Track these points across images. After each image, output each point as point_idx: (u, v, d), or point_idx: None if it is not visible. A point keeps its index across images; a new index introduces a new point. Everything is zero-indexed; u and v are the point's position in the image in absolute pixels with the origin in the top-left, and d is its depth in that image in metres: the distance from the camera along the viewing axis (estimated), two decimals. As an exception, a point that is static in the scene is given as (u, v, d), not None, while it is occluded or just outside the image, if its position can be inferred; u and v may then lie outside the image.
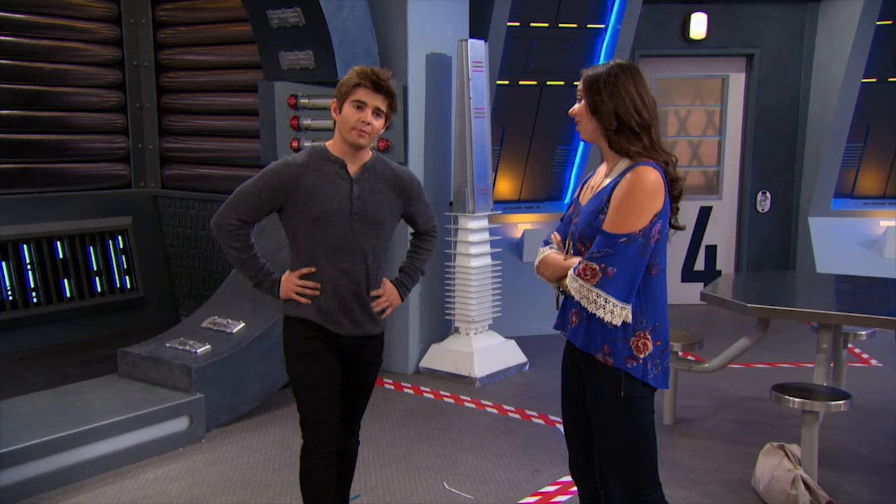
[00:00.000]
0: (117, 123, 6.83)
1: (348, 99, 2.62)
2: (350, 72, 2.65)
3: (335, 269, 2.69)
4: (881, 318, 3.79)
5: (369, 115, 2.62)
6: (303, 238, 2.72)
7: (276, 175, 2.69)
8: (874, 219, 7.27)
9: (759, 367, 5.65)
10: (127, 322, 6.58)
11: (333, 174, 2.68)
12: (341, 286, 2.71)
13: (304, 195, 2.65)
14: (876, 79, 6.91)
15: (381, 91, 2.62)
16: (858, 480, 3.88)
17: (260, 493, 3.79)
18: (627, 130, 2.33)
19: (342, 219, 2.67)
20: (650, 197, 2.29)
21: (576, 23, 6.47)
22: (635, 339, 2.33)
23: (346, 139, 2.66)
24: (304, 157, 2.72)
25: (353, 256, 2.70)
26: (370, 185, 2.73)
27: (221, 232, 2.74)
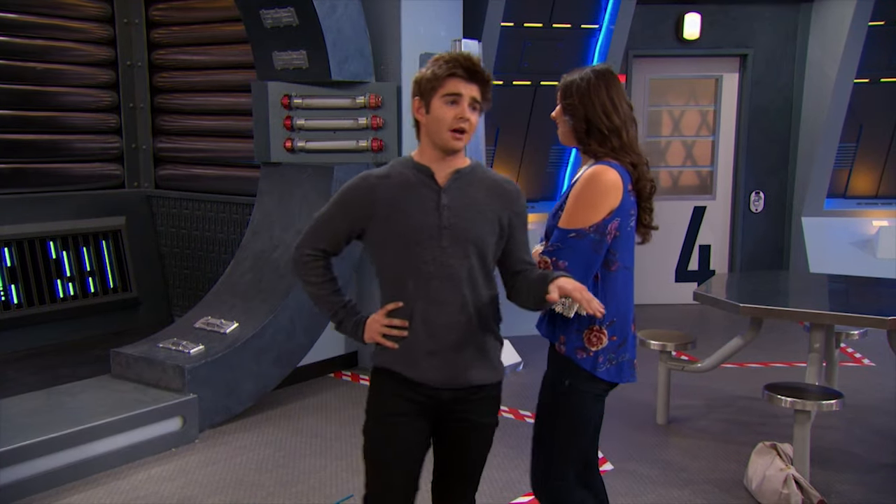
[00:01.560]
0: (111, 123, 6.81)
1: (437, 94, 2.16)
2: (431, 62, 2.20)
3: (425, 300, 2.21)
4: (873, 318, 3.81)
5: (467, 108, 2.16)
6: (387, 264, 2.26)
7: (351, 190, 2.26)
8: (867, 219, 7.28)
9: (752, 366, 5.66)
10: (120, 322, 6.56)
11: (418, 183, 2.21)
12: (433, 321, 2.21)
13: (385, 210, 2.21)
14: (868, 79, 6.93)
15: (477, 79, 2.18)
16: (850, 479, 3.89)
17: (253, 493, 3.78)
18: (597, 133, 2.42)
19: (429, 235, 2.19)
20: (604, 194, 2.37)
21: (570, 23, 6.48)
22: (589, 332, 2.42)
23: (438, 143, 2.19)
24: (386, 168, 2.29)
25: (447, 282, 2.20)
26: (463, 192, 2.22)
27: (297, 265, 2.33)
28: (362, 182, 2.26)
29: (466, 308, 2.22)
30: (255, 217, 5.37)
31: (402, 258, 2.22)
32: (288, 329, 4.87)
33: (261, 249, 5.21)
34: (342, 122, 5.25)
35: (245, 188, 6.27)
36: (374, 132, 5.28)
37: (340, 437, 4.44)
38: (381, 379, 2.30)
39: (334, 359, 5.60)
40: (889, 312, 3.87)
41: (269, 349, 4.76)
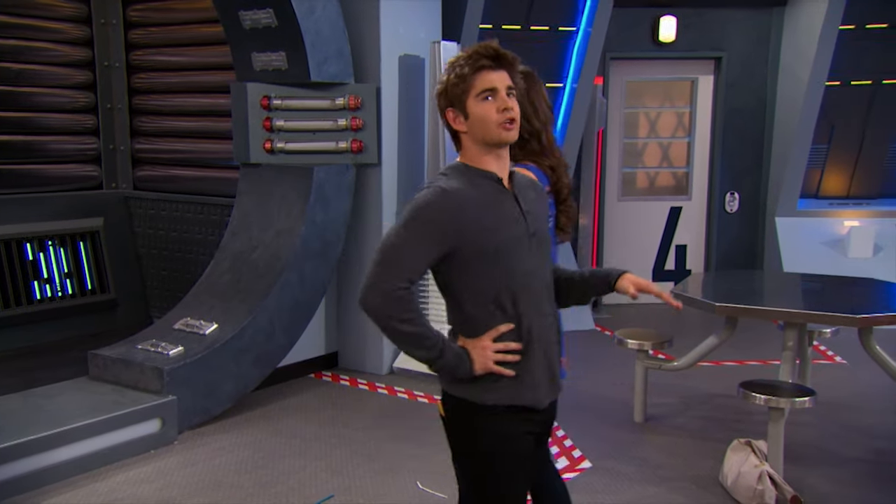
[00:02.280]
0: (87, 124, 6.74)
1: (470, 95, 2.01)
2: (449, 67, 2.06)
3: (533, 315, 2.05)
4: (845, 317, 3.86)
5: (506, 97, 2.01)
6: (480, 282, 2.01)
7: (433, 208, 1.98)
8: (838, 219, 7.37)
9: (727, 364, 5.72)
10: (98, 324, 6.49)
11: (493, 192, 2.04)
12: (545, 337, 2.08)
13: (475, 225, 1.98)
14: (839, 82, 7.02)
15: (504, 64, 2.04)
16: (822, 475, 3.94)
17: (232, 494, 3.76)
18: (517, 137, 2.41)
19: (523, 245, 2.05)
20: None
21: (547, 25, 6.50)
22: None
23: (491, 141, 2.03)
24: (452, 178, 2.03)
25: (545, 291, 2.10)
26: (526, 195, 2.12)
27: (388, 303, 1.97)
28: (442, 196, 1.98)
29: (557, 316, 2.16)
30: (234, 218, 5.33)
31: (501, 273, 2.01)
32: (267, 330, 4.85)
33: (240, 250, 5.18)
34: (322, 124, 5.24)
35: (223, 189, 6.23)
36: (353, 133, 5.27)
37: (320, 438, 4.42)
38: (498, 420, 2.03)
39: (314, 359, 5.58)
40: (860, 311, 3.93)
41: (249, 350, 4.74)
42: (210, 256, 6.01)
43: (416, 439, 4.41)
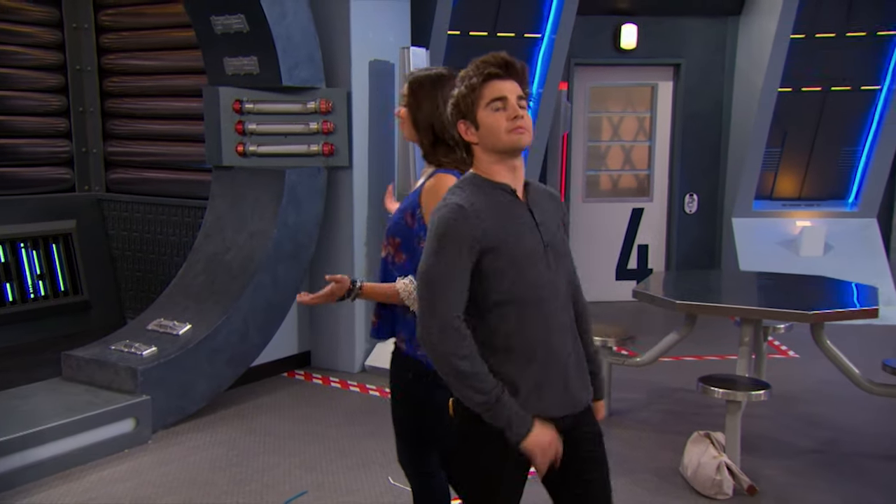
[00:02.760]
0: (60, 127, 6.63)
1: (480, 105, 1.97)
2: (462, 78, 2.02)
3: (547, 328, 2.00)
4: (798, 313, 3.93)
5: (517, 106, 1.96)
6: (497, 295, 1.97)
7: (458, 223, 1.92)
8: (791, 219, 7.50)
9: (687, 360, 5.79)
10: (72, 326, 6.38)
11: (508, 204, 1.99)
12: (557, 349, 2.02)
13: (492, 240, 1.94)
14: (791, 88, 7.14)
15: (514, 73, 1.99)
16: (777, 465, 4.01)
17: (206, 492, 3.72)
18: (444, 146, 2.42)
19: (539, 257, 2.00)
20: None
21: (513, 32, 6.53)
22: None
23: (503, 148, 1.97)
24: (467, 191, 1.98)
25: (559, 302, 2.04)
26: (540, 206, 2.05)
27: (446, 338, 1.90)
28: (462, 213, 1.92)
29: (573, 327, 2.08)
30: (208, 220, 5.28)
31: (520, 285, 1.96)
32: (241, 330, 4.81)
33: (213, 252, 5.13)
34: (293, 127, 5.21)
35: (196, 191, 6.17)
36: (325, 137, 5.25)
37: (294, 436, 4.40)
38: (493, 438, 1.95)
39: (287, 358, 5.55)
40: (812, 307, 4.01)
41: (223, 350, 4.70)
42: (183, 258, 5.95)
43: (388, 436, 4.36)
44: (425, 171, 2.51)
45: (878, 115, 7.18)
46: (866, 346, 5.82)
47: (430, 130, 2.44)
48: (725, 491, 3.61)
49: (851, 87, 7.13)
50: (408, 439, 2.59)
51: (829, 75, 7.10)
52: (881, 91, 7.10)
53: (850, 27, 6.90)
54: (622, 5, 7.42)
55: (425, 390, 2.39)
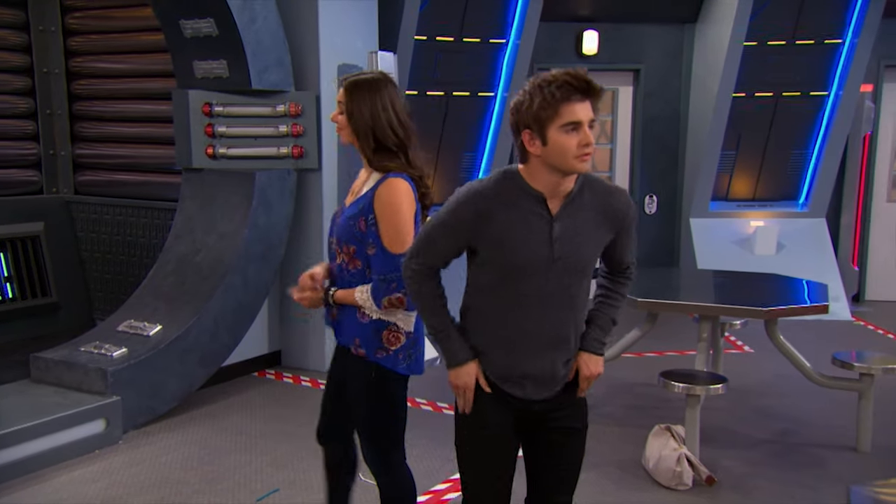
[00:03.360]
0: (27, 130, 6.47)
1: (554, 123, 1.91)
2: (533, 88, 1.94)
3: (519, 328, 2.08)
4: (753, 309, 4.00)
5: (589, 133, 1.92)
6: (486, 283, 2.08)
7: (461, 207, 2.03)
8: (746, 219, 7.61)
9: (648, 355, 5.85)
10: (40, 327, 6.23)
11: (529, 212, 2.00)
12: (531, 349, 2.10)
13: (496, 233, 2.00)
14: (745, 93, 7.24)
15: (592, 94, 1.93)
16: (734, 455, 4.07)
17: (178, 490, 3.67)
18: (386, 151, 2.44)
19: (539, 268, 2.02)
20: (410, 207, 2.40)
21: (479, 37, 6.54)
22: (388, 333, 2.45)
23: (564, 169, 1.96)
24: (494, 183, 2.03)
25: (545, 309, 2.07)
26: (574, 222, 2.03)
27: (416, 278, 2.13)
28: (471, 198, 2.01)
29: (562, 334, 2.10)
30: (178, 221, 5.20)
31: (507, 287, 2.04)
32: (212, 330, 4.74)
33: (184, 253, 5.06)
34: (263, 130, 5.15)
35: (166, 193, 6.07)
36: (294, 139, 5.20)
37: (265, 434, 4.35)
38: (478, 399, 2.13)
39: (258, 358, 5.48)
40: (767, 304, 4.08)
41: (194, 350, 4.63)
42: (152, 260, 5.84)
43: (358, 433, 4.38)
44: (368, 177, 2.47)
45: (826, 120, 7.32)
46: (816, 341, 5.93)
47: (370, 135, 2.41)
48: (685, 482, 3.66)
49: (801, 92, 7.26)
50: (372, 436, 2.58)
51: (780, 81, 7.22)
52: (829, 96, 7.24)
53: (799, 35, 7.03)
54: (584, 12, 7.48)
55: (387, 385, 2.49)
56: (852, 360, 4.09)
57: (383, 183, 2.37)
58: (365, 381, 2.50)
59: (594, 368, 2.18)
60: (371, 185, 2.42)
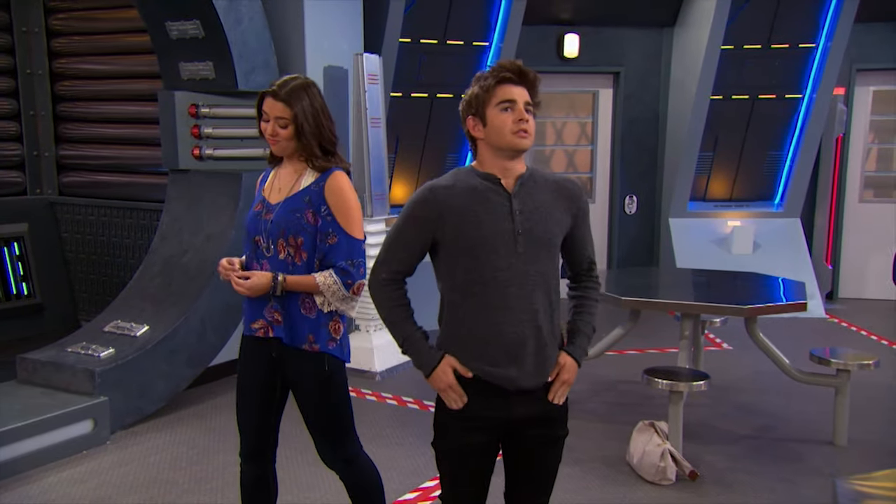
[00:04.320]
0: (11, 131, 6.39)
1: (491, 104, 2.04)
2: (475, 80, 2.09)
3: (498, 308, 2.05)
4: (734, 307, 4.04)
5: (523, 111, 2.03)
6: (458, 273, 2.08)
7: (417, 204, 2.09)
8: (723, 219, 7.68)
9: (630, 353, 5.88)
10: (25, 329, 6.16)
11: (486, 190, 2.06)
12: (515, 332, 2.07)
13: (455, 219, 2.05)
14: (722, 96, 7.31)
15: (526, 81, 2.06)
16: (716, 451, 4.10)
17: (167, 490, 3.63)
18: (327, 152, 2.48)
19: (504, 242, 2.04)
20: (356, 197, 2.50)
21: (462, 40, 6.54)
22: (332, 323, 2.50)
23: (505, 147, 2.05)
24: (449, 177, 2.12)
25: (522, 289, 2.06)
26: (532, 197, 2.09)
27: (372, 289, 2.16)
28: (428, 193, 2.09)
29: (538, 314, 2.08)
30: (164, 222, 5.16)
31: (475, 267, 2.05)
32: (199, 330, 4.71)
33: (170, 254, 5.01)
34: (249, 131, 5.10)
35: (151, 194, 6.02)
36: (280, 141, 5.17)
37: (253, 433, 4.32)
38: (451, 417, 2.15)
39: (244, 358, 5.44)
40: (746, 302, 4.12)
41: (181, 350, 4.59)
42: (139, 261, 5.80)
43: (346, 431, 4.36)
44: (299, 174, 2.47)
45: (800, 122, 7.40)
46: (792, 338, 6.00)
47: (317, 135, 2.44)
48: (669, 477, 3.68)
49: (776, 95, 7.34)
50: (329, 432, 2.58)
51: (756, 84, 7.29)
52: (803, 99, 7.33)
53: (774, 40, 7.11)
54: (565, 16, 7.51)
55: (337, 375, 2.53)
56: (829, 357, 4.14)
57: (331, 177, 2.44)
58: (320, 377, 2.50)
59: (571, 377, 2.18)
60: (309, 180, 2.46)
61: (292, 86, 2.43)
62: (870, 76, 7.73)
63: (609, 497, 3.61)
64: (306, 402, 2.56)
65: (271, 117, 2.44)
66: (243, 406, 2.66)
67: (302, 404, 2.57)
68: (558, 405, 2.18)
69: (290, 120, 2.41)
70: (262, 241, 2.48)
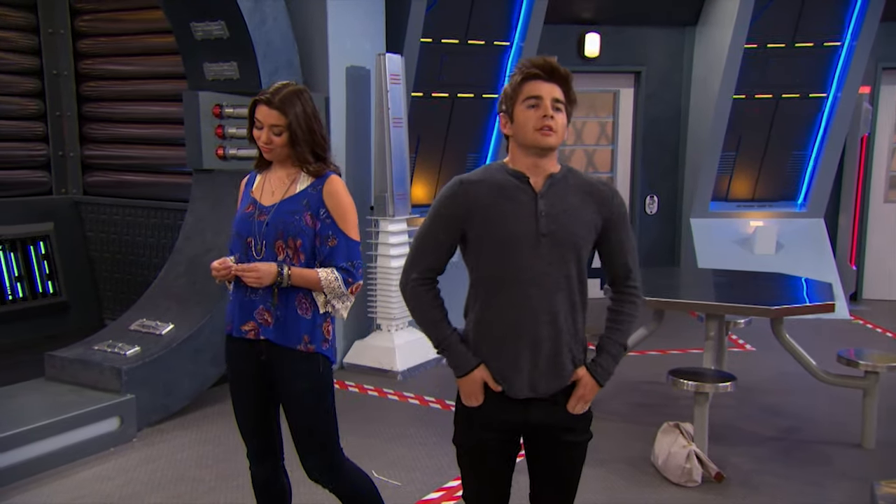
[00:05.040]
0: (37, 131, 6.47)
1: (518, 101, 2.02)
2: (511, 74, 2.09)
3: (520, 308, 2.03)
4: (761, 308, 4.00)
5: (549, 107, 1.99)
6: (483, 269, 2.07)
7: (445, 199, 2.08)
8: (745, 219, 7.63)
9: (652, 354, 5.86)
10: (50, 327, 6.23)
11: (513, 188, 2.04)
12: (532, 332, 2.04)
13: (481, 213, 2.04)
14: (745, 95, 7.26)
15: (556, 78, 2.02)
16: (742, 452, 4.08)
17: (194, 488, 3.66)
18: (320, 157, 2.50)
19: (528, 242, 2.02)
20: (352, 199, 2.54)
21: (483, 40, 6.54)
22: (326, 325, 2.51)
23: (529, 146, 2.03)
24: (479, 172, 2.11)
25: (543, 289, 2.03)
26: (559, 197, 2.05)
27: (405, 291, 2.14)
28: (456, 188, 2.07)
29: (558, 317, 2.04)
30: (188, 222, 5.19)
31: (498, 264, 2.03)
32: (223, 329, 4.72)
33: (194, 253, 5.05)
34: (273, 131, 5.14)
35: (175, 194, 6.06)
36: (303, 140, 5.19)
37: (277, 432, 4.35)
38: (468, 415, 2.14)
39: (267, 357, 5.47)
40: (773, 303, 4.08)
41: (205, 349, 4.62)
42: (161, 260, 5.85)
43: (369, 430, 4.38)
44: (293, 177, 2.47)
45: (824, 121, 7.34)
46: (816, 339, 5.96)
47: (309, 142, 2.44)
48: (695, 478, 3.66)
49: (800, 94, 7.28)
50: (318, 437, 2.54)
51: (780, 83, 7.24)
52: (827, 98, 7.26)
53: (798, 38, 7.05)
54: (586, 15, 7.49)
55: (329, 376, 2.53)
56: (857, 359, 4.10)
57: (328, 181, 2.46)
58: (314, 377, 2.49)
59: (589, 395, 2.11)
60: (305, 184, 2.46)
61: (285, 93, 2.42)
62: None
63: (634, 498, 3.60)
64: (297, 403, 2.51)
65: (265, 125, 2.42)
66: (239, 410, 2.61)
67: (292, 407, 2.52)
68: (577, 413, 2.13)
69: (284, 127, 2.40)
70: (254, 242, 2.46)
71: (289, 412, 2.54)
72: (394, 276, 5.41)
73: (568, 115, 2.04)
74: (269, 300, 2.44)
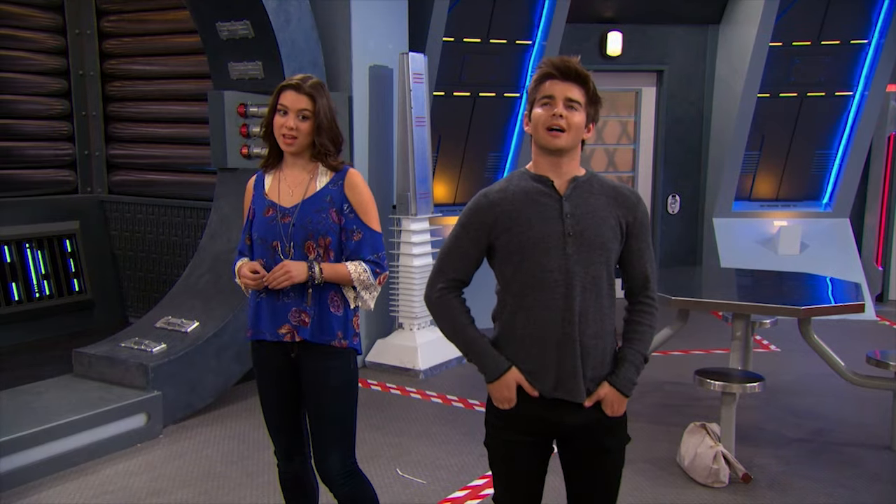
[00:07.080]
0: (63, 131, 6.54)
1: (536, 101, 2.03)
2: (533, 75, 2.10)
3: (550, 309, 2.01)
4: (789, 308, 3.95)
5: (561, 107, 1.98)
6: (512, 275, 2.06)
7: (472, 212, 2.09)
8: (769, 219, 7.56)
9: (675, 354, 5.82)
10: (76, 324, 6.30)
11: (537, 193, 2.04)
12: (558, 334, 2.02)
13: (507, 223, 2.04)
14: (769, 94, 7.20)
15: (571, 77, 2.00)
16: (769, 454, 4.04)
17: (221, 484, 3.68)
18: (337, 151, 2.51)
19: (554, 244, 2.01)
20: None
21: (505, 39, 6.53)
22: (355, 319, 2.54)
23: (542, 146, 2.04)
24: (503, 182, 2.11)
25: (573, 290, 2.01)
26: (583, 200, 2.05)
27: (430, 302, 2.14)
28: (482, 200, 2.09)
29: (587, 317, 2.02)
30: (213, 221, 5.23)
31: (526, 267, 2.02)
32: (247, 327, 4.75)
33: (218, 251, 5.08)
34: (297, 130, 5.16)
35: (199, 193, 6.10)
36: (327, 139, 5.21)
37: (301, 429, 4.36)
38: (499, 425, 2.14)
39: (290, 355, 5.50)
40: (800, 302, 4.03)
41: (230, 346, 4.65)
42: (185, 258, 5.90)
43: (392, 429, 4.38)
44: (311, 174, 2.47)
45: (850, 120, 7.25)
46: (843, 340, 5.88)
47: (330, 133, 2.44)
48: (722, 479, 3.63)
49: (826, 92, 7.21)
50: (342, 429, 2.53)
51: (805, 82, 7.17)
52: (853, 97, 7.18)
53: (824, 36, 6.97)
54: (608, 14, 7.45)
55: (357, 371, 2.57)
56: (888, 360, 4.04)
57: (349, 175, 2.48)
58: (346, 372, 2.50)
59: (618, 409, 2.08)
60: (325, 180, 2.47)
61: (312, 82, 2.45)
62: (923, 73, 7.55)
63: (660, 498, 3.57)
64: (329, 397, 2.48)
65: (292, 110, 2.39)
66: (268, 407, 2.62)
67: (323, 401, 2.49)
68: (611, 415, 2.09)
69: (312, 114, 2.40)
70: (280, 245, 2.43)
71: (317, 407, 2.52)
72: (416, 275, 5.42)
73: (588, 115, 2.02)
74: (304, 300, 2.43)
